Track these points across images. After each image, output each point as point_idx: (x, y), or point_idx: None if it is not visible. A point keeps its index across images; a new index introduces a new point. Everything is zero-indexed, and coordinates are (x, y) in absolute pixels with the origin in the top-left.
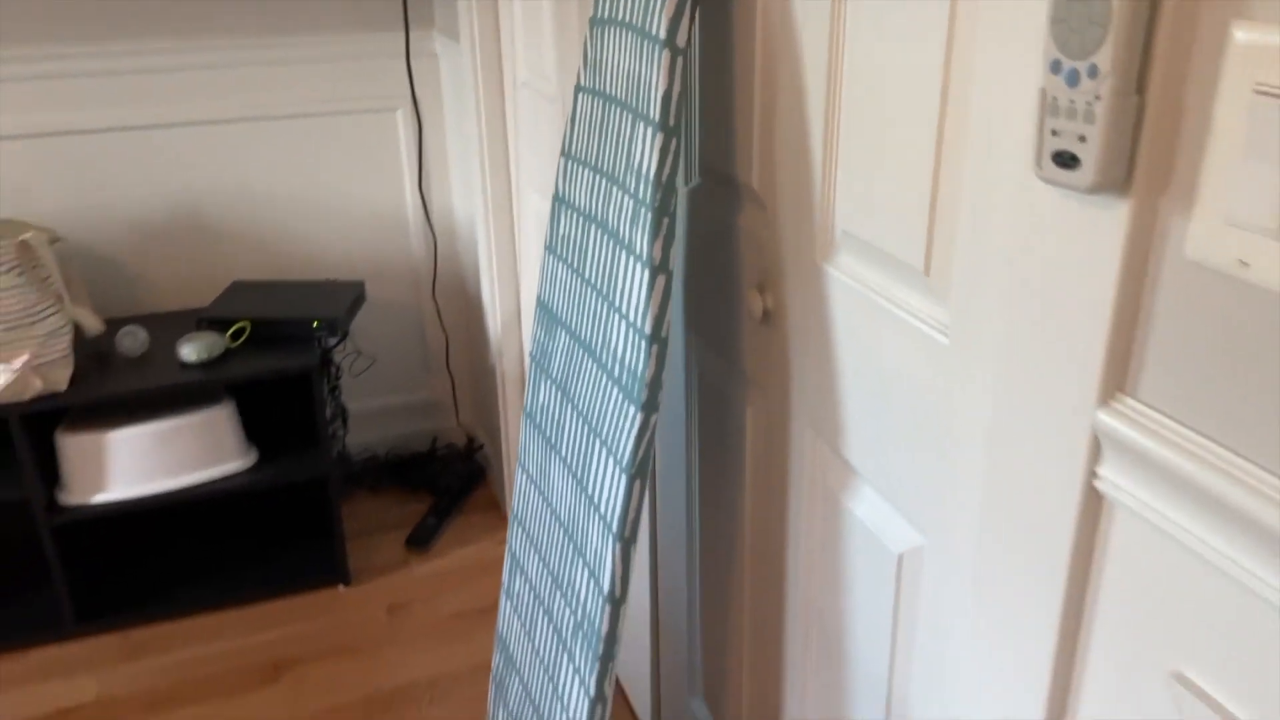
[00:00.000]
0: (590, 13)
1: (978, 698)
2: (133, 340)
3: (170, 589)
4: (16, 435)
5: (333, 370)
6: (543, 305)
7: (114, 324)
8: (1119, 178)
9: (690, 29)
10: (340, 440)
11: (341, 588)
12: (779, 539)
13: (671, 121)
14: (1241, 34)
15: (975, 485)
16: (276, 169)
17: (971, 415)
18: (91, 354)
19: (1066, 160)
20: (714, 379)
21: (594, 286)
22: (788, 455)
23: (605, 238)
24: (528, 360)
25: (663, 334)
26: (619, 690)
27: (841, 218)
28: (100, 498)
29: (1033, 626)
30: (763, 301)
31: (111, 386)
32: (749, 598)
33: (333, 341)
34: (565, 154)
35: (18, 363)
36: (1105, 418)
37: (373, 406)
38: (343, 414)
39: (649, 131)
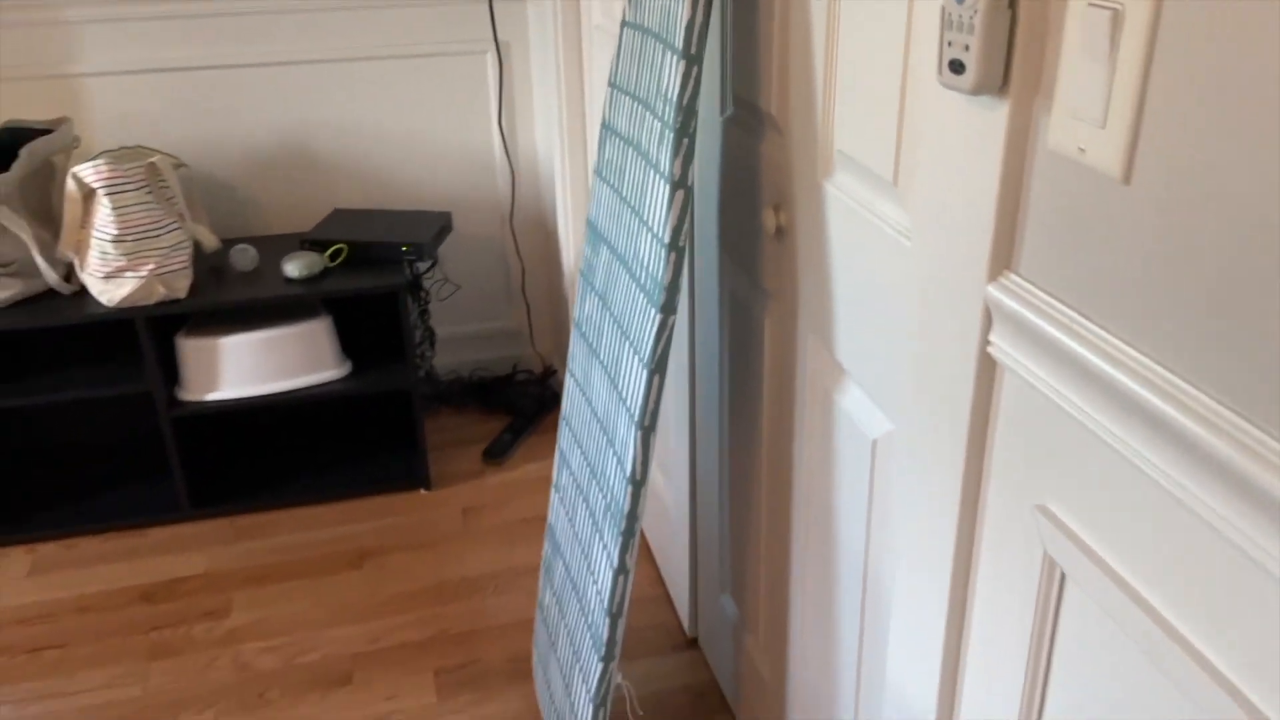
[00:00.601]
0: None
1: (914, 540)
2: (244, 257)
3: (272, 483)
4: (142, 335)
5: (422, 295)
6: (590, 224)
7: (228, 242)
8: (996, 81)
9: None
10: (428, 361)
11: (422, 491)
12: (788, 439)
13: (693, 50)
14: None
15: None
16: (376, 106)
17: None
18: (208, 268)
19: (957, 67)
20: (741, 295)
21: (629, 203)
22: (795, 360)
23: (638, 158)
24: (579, 276)
25: (680, 243)
26: (663, 592)
27: (839, 139)
28: (213, 396)
29: (945, 476)
30: (776, 219)
31: (225, 296)
32: (765, 498)
33: (421, 267)
34: (611, 84)
35: (144, 270)
36: (994, 291)
37: (459, 332)
38: (431, 337)
39: (674, 59)
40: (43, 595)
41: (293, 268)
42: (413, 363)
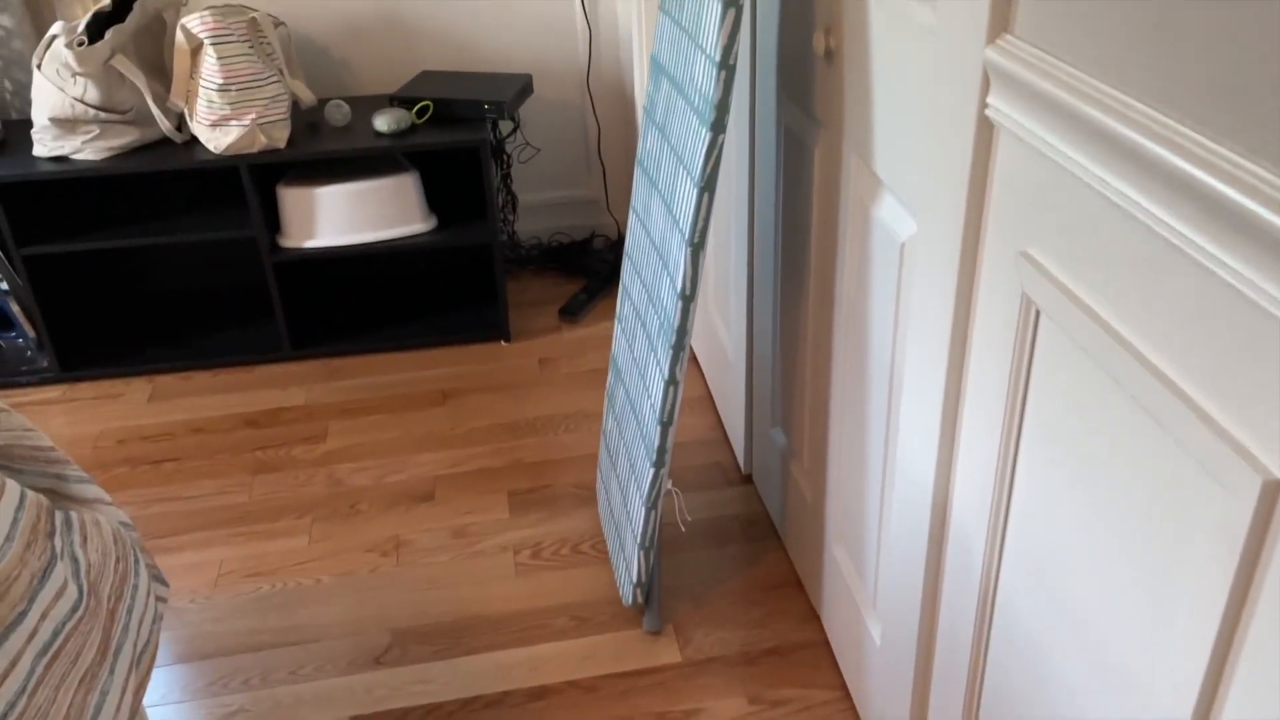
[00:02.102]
0: None
1: (922, 305)
2: (338, 111)
3: (364, 329)
4: (246, 183)
5: (504, 158)
6: (654, 60)
7: (323, 99)
8: None
9: None
10: (510, 224)
11: (502, 343)
12: (831, 259)
13: None
14: None
15: (932, 153)
16: None
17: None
18: (305, 122)
19: None
20: (795, 128)
21: (686, 30)
22: (839, 182)
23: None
24: (640, 112)
25: (730, 61)
26: (722, 436)
27: None
28: (311, 243)
29: (948, 234)
30: (826, 41)
31: (320, 148)
32: (811, 323)
33: (503, 129)
34: None
35: (247, 119)
36: (991, 53)
37: (540, 199)
38: (513, 201)
39: None
40: (162, 418)
41: (382, 122)
42: (494, 220)
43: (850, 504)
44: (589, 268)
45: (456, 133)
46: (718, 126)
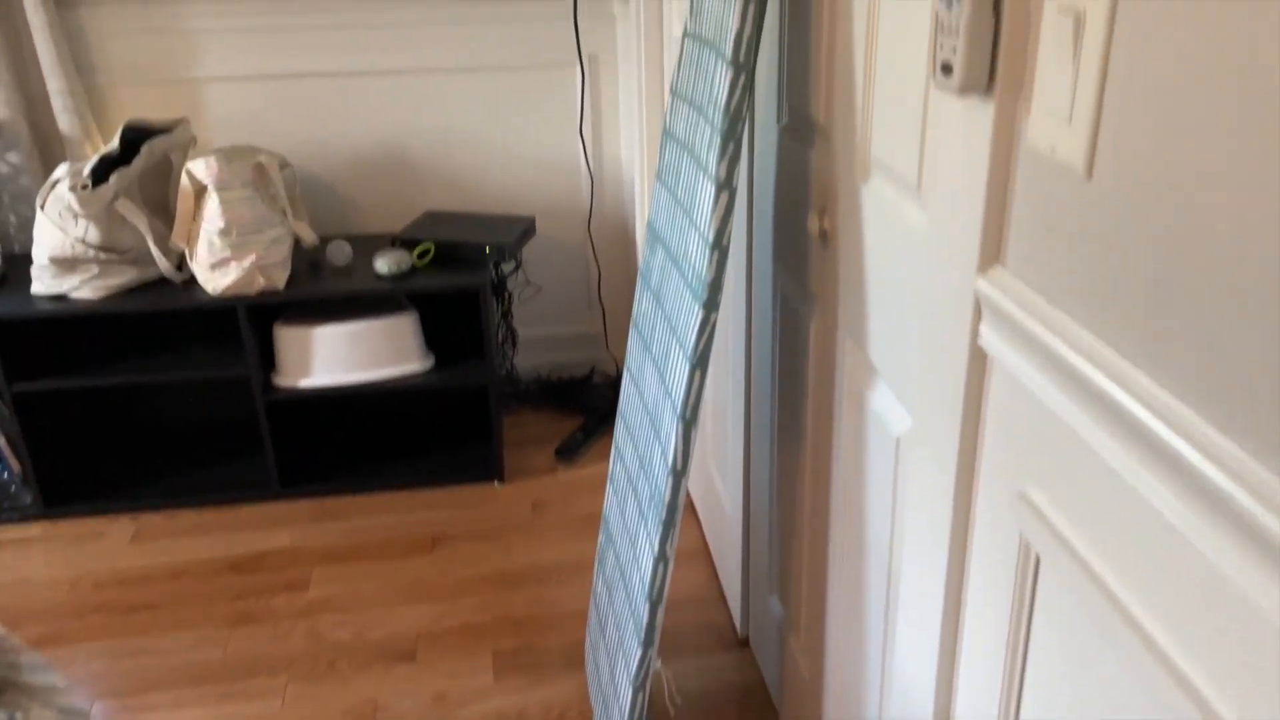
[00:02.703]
0: None
1: (919, 527)
2: (339, 252)
3: (355, 468)
4: (243, 323)
5: (506, 296)
6: (650, 225)
7: (326, 238)
8: (981, 82)
9: None
10: (509, 359)
11: (495, 484)
12: (827, 440)
13: (741, 58)
14: None
15: (927, 361)
16: (468, 114)
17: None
18: (306, 261)
19: (946, 69)
20: (791, 299)
21: (681, 205)
22: (834, 362)
23: (691, 161)
24: (638, 276)
25: (723, 243)
26: (719, 593)
27: (874, 145)
28: (305, 382)
29: (944, 461)
30: (821, 223)
31: (319, 289)
32: (808, 498)
33: (505, 268)
34: (672, 91)
35: (247, 262)
36: (982, 284)
37: (541, 333)
38: (513, 337)
39: (723, 67)
40: (143, 560)
41: (383, 264)
42: (492, 360)
43: (849, 689)
44: (587, 404)
45: (457, 275)
46: (711, 305)
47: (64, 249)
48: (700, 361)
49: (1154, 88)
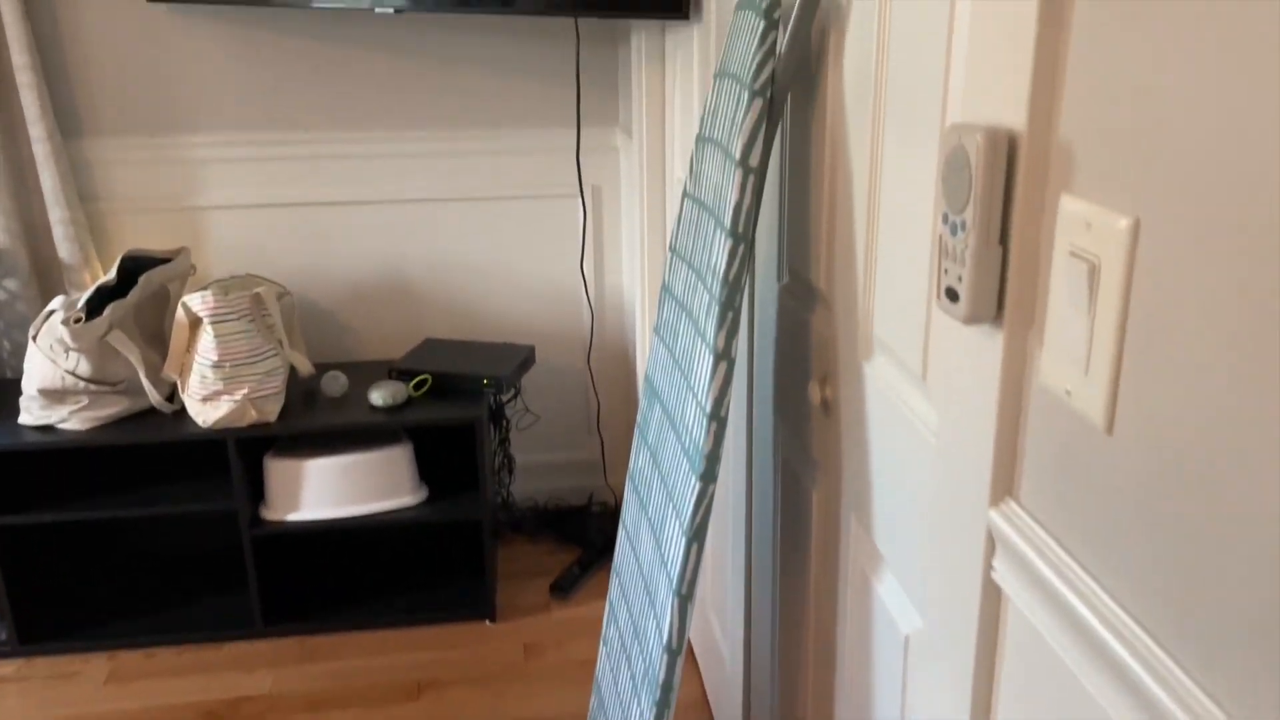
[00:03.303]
0: (697, 130)
1: None
2: (334, 383)
3: (343, 604)
4: (232, 456)
5: (503, 423)
6: (647, 379)
7: (323, 366)
8: (989, 313)
9: (763, 151)
10: (506, 487)
11: (487, 623)
12: (831, 620)
13: (740, 230)
14: (1066, 203)
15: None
16: (469, 243)
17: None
18: (301, 391)
19: (952, 295)
20: (792, 461)
21: (680, 367)
22: (839, 538)
23: (689, 325)
24: (635, 428)
25: (722, 414)
26: None
27: (877, 324)
28: (295, 516)
29: (957, 697)
30: (822, 392)
31: (312, 421)
32: (811, 682)
33: (503, 398)
34: (671, 248)
35: (239, 395)
36: (995, 517)
37: (539, 461)
38: (510, 463)
39: (722, 236)
40: (115, 704)
41: (378, 396)
42: (486, 494)
43: None
44: (585, 536)
45: (453, 407)
46: (709, 477)
47: (54, 381)
48: (697, 535)
49: (1182, 343)
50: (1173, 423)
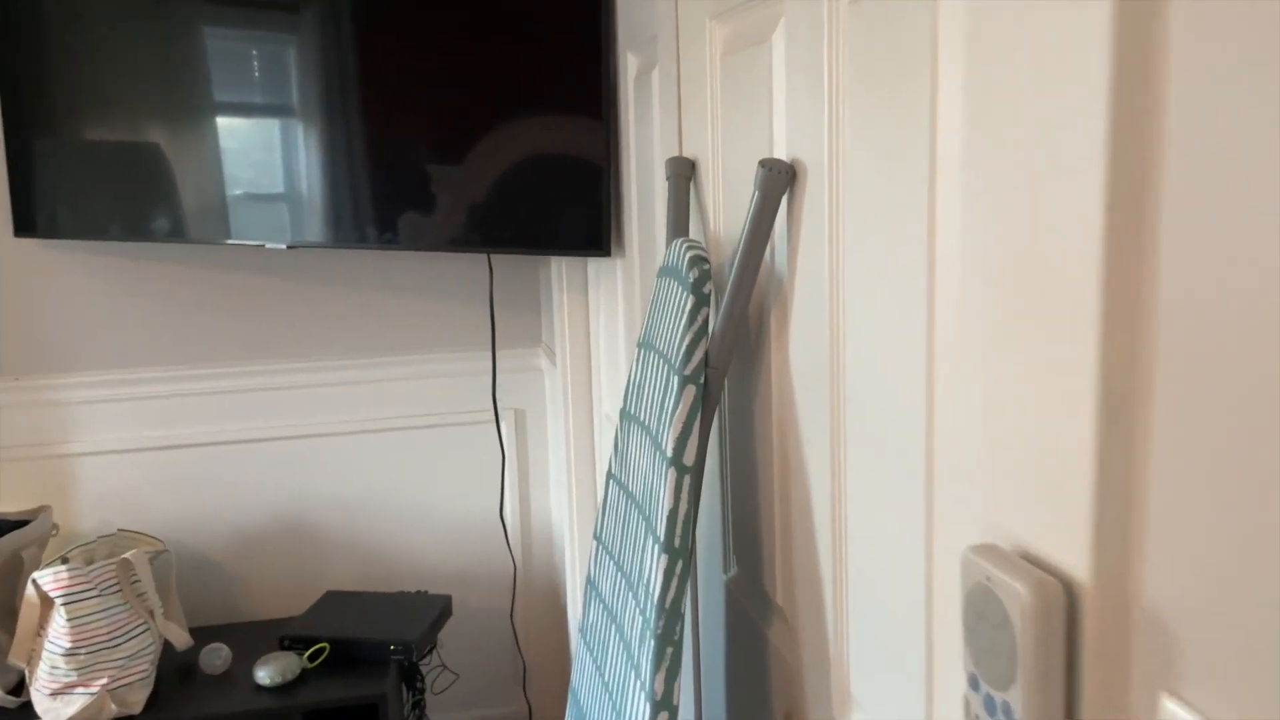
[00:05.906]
0: (621, 404)
1: None
2: (215, 657)
3: None
4: None
5: (417, 685)
6: (573, 693)
7: (205, 633)
8: None
9: (699, 446)
10: None
11: None
12: None
13: (678, 544)
14: (1172, 706)
15: None
16: (378, 479)
17: None
18: (176, 665)
19: None
20: None
21: (613, 699)
22: None
23: (622, 650)
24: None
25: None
26: None
27: (854, 680)
28: None
29: None
30: None
31: (185, 709)
32: None
33: (414, 658)
34: (596, 537)
35: (96, 686)
36: None
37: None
38: None
39: (657, 549)
40: None
41: (265, 674)
42: None
43: None
44: None
45: (354, 681)
46: None
47: None
48: None
49: None
50: None
